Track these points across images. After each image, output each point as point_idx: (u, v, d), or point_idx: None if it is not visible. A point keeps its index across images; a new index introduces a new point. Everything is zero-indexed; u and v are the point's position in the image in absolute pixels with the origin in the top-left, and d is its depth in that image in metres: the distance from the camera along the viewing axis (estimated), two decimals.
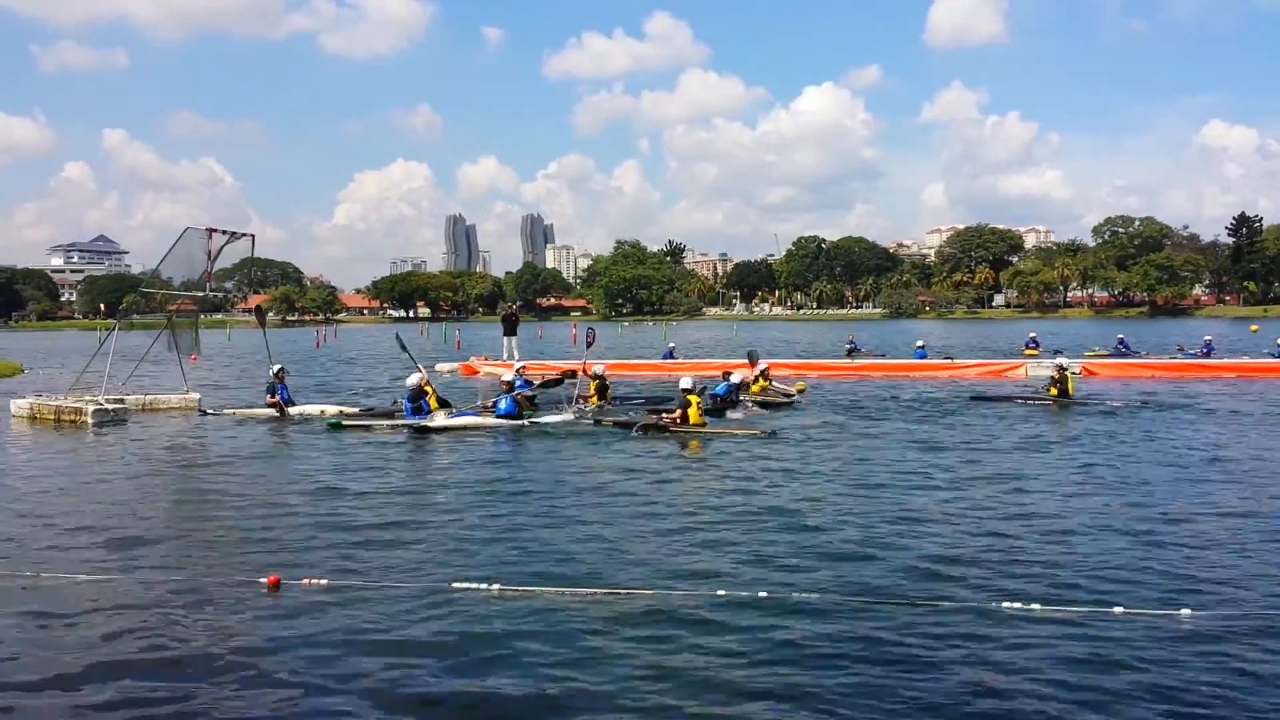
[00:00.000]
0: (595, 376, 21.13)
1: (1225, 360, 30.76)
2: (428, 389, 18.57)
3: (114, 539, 9.63)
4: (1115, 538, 9.27)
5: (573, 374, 21.26)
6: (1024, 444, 15.39)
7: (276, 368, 20.72)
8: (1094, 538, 9.28)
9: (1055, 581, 7.85)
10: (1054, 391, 20.77)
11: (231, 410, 20.49)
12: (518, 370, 22.92)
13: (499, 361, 31.52)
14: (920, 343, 36.30)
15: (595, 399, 20.54)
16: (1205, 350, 33.03)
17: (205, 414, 20.22)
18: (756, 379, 22.26)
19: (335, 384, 29.36)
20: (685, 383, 16.96)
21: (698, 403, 16.59)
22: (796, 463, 13.80)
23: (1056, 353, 34.48)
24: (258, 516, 10.60)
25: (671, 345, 37.84)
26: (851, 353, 37.33)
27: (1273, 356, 30.74)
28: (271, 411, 19.83)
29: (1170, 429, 16.98)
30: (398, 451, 15.28)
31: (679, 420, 16.40)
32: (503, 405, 17.99)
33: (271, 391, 20.19)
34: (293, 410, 19.97)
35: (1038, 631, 6.70)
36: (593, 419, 18.10)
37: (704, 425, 16.51)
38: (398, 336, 23.49)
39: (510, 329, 33.58)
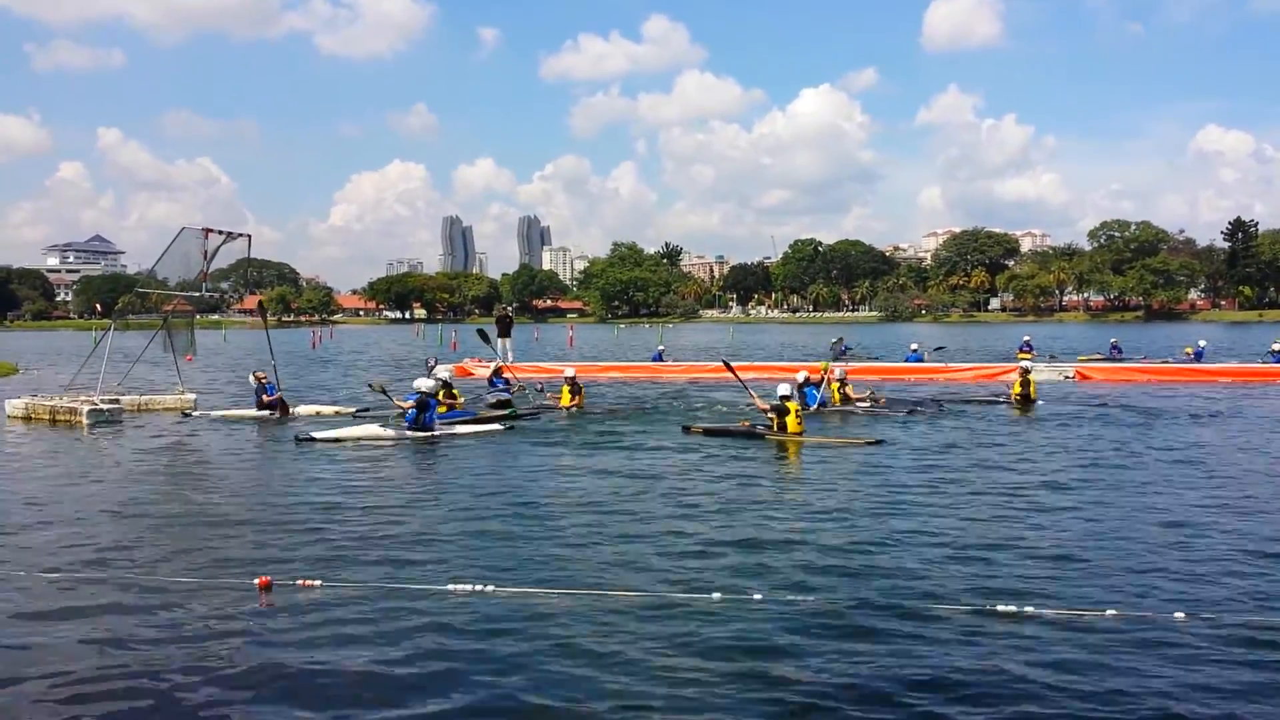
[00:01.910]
0: (567, 379, 21.25)
1: (1219, 365, 30.84)
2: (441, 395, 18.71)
3: (106, 539, 9.62)
4: (1105, 541, 9.28)
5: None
6: (1004, 449, 15.46)
7: (254, 372, 20.76)
8: (1083, 541, 9.29)
9: (1047, 585, 7.86)
10: (1016, 393, 21.22)
11: (221, 412, 20.49)
12: (495, 370, 22.97)
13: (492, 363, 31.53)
14: (914, 346, 36.39)
15: (567, 399, 20.81)
16: (1197, 354, 33.10)
17: (189, 416, 20.24)
18: (840, 385, 20.76)
19: (336, 384, 29.35)
20: (784, 389, 16.42)
21: (797, 410, 16.12)
22: (800, 469, 13.86)
23: (1051, 358, 34.57)
24: (249, 517, 10.59)
25: (661, 348, 37.94)
26: (841, 354, 37.45)
27: (1266, 361, 30.88)
28: (257, 413, 19.85)
29: (1151, 432, 17.01)
30: (391, 453, 15.28)
31: (777, 427, 15.98)
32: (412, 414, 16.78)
33: (262, 393, 20.18)
34: (292, 410, 20.00)
35: (1030, 634, 6.71)
36: (682, 427, 17.37)
37: (802, 432, 15.97)
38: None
39: (504, 331, 33.64)
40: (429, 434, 16.46)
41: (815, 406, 19.46)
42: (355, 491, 12.08)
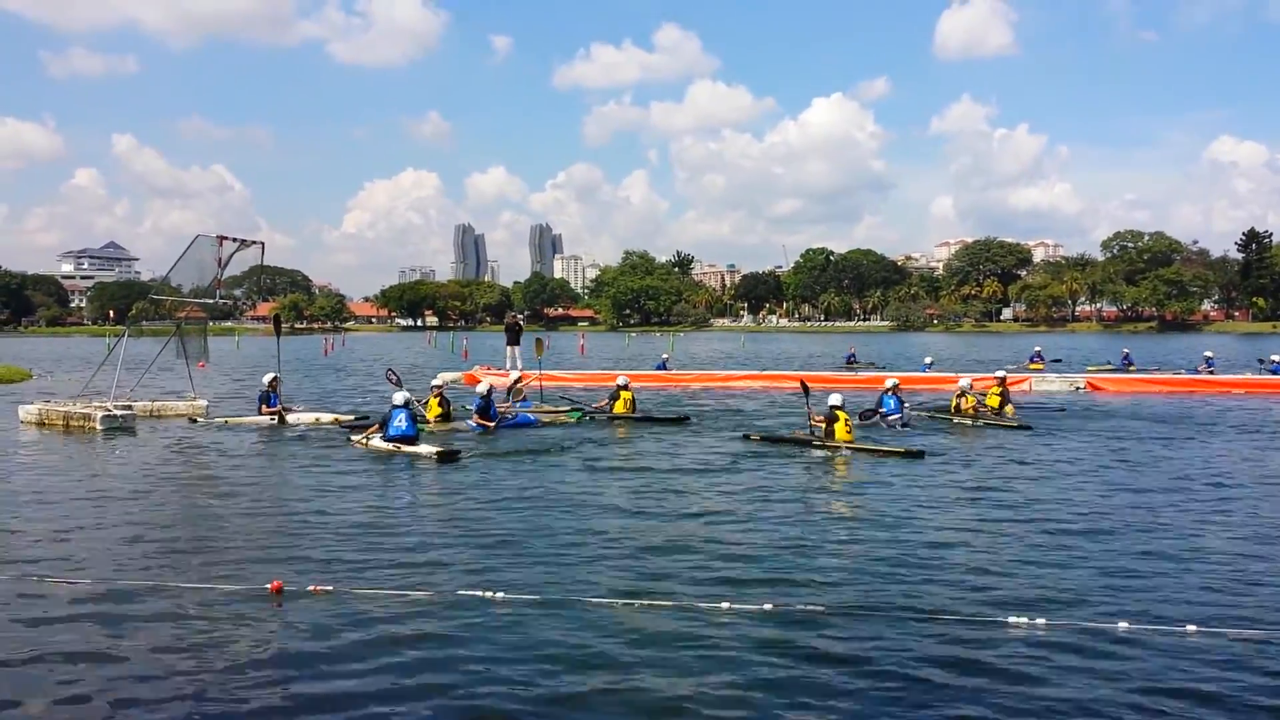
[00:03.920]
0: (621, 387, 20.94)
1: (1232, 376, 30.62)
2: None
3: (118, 544, 9.68)
4: (1117, 554, 9.25)
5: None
6: (1005, 458, 15.42)
7: (270, 377, 20.79)
8: (1094, 553, 9.26)
9: (1059, 597, 7.84)
10: (994, 403, 21.01)
11: (224, 419, 20.59)
12: (514, 383, 22.81)
13: (501, 371, 31.54)
14: (928, 359, 36.54)
15: (621, 406, 20.44)
16: (1208, 366, 32.88)
17: (195, 422, 20.34)
18: (962, 394, 20.52)
19: (356, 390, 29.42)
20: (834, 399, 16.45)
21: (845, 418, 16.20)
22: (821, 478, 13.85)
23: (1057, 361, 34.39)
24: (260, 523, 10.64)
25: (665, 356, 38.09)
26: (851, 364, 37.63)
27: (1270, 373, 30.73)
28: (262, 420, 19.95)
29: (1163, 444, 16.93)
30: (398, 460, 15.30)
31: (825, 435, 16.05)
32: (400, 425, 16.04)
33: (265, 400, 20.30)
34: (289, 418, 20.06)
35: (1043, 647, 6.70)
36: (744, 436, 17.57)
37: (852, 441, 16.04)
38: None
39: (513, 338, 33.62)
40: (408, 442, 15.92)
41: (895, 416, 19.65)
42: (362, 498, 12.12)
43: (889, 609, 7.49)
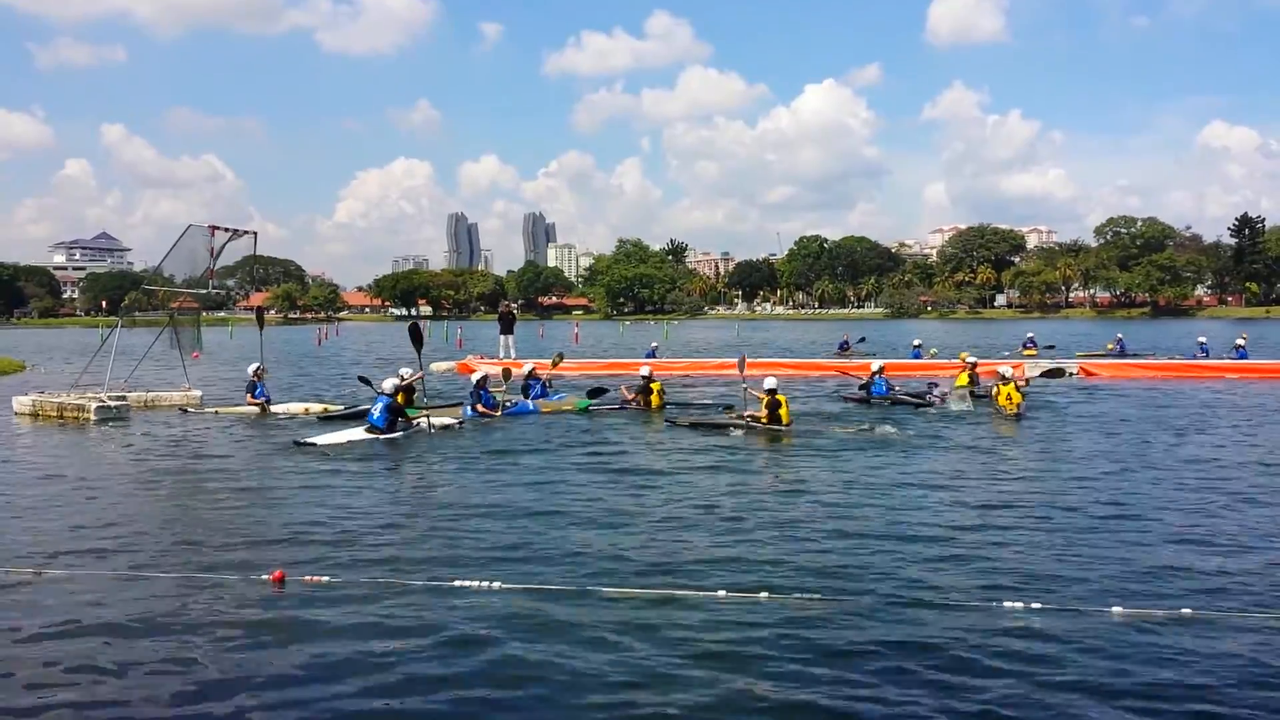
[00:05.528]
0: (644, 378, 20.43)
1: (1225, 361, 30.71)
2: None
3: (117, 536, 9.67)
4: (1108, 538, 9.28)
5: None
6: (989, 445, 15.47)
7: (255, 367, 20.81)
8: (1086, 538, 9.29)
9: (1053, 582, 7.87)
10: (964, 384, 21.26)
11: (215, 408, 20.59)
12: (529, 373, 22.31)
13: (496, 360, 31.49)
14: (917, 342, 36.61)
15: (656, 400, 20.10)
16: (1203, 352, 32.96)
17: (186, 412, 20.35)
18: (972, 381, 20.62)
19: (342, 381, 29.39)
20: (769, 383, 16.74)
21: (786, 402, 16.53)
22: (814, 466, 13.89)
23: (1053, 350, 34.40)
24: (260, 513, 10.64)
25: (655, 345, 38.13)
26: (844, 350, 37.80)
27: (1236, 357, 30.92)
28: (249, 410, 19.98)
29: (1151, 429, 16.97)
30: (396, 449, 15.32)
31: (765, 420, 16.37)
32: (375, 414, 16.21)
33: (251, 390, 20.34)
34: (275, 409, 20.12)
35: (1038, 632, 6.73)
36: (667, 420, 18.12)
37: (791, 424, 16.43)
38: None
39: (507, 327, 33.57)
40: (387, 434, 15.95)
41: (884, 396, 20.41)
42: (362, 488, 12.13)
43: (882, 595, 7.52)
